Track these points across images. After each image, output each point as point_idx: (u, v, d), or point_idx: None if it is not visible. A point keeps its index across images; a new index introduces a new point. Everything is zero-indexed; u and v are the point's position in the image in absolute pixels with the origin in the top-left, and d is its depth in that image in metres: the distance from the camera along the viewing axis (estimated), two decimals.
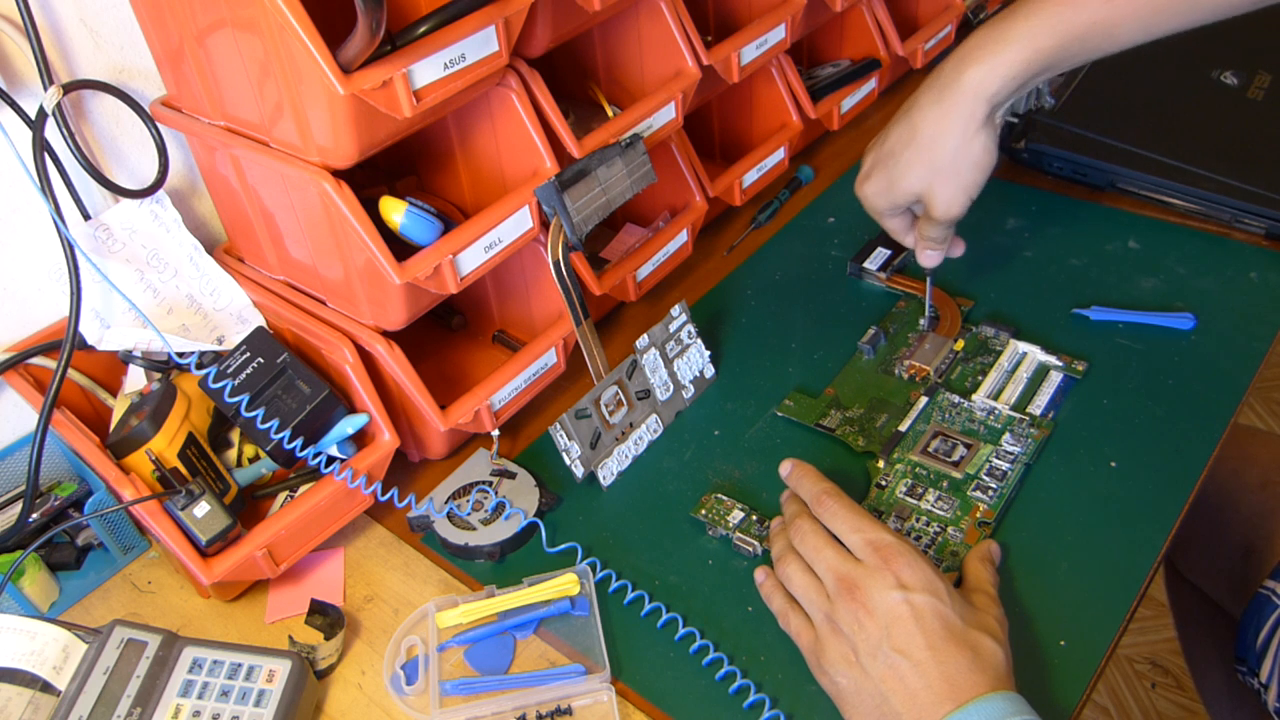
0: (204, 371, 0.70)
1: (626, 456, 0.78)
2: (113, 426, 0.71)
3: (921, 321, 0.87)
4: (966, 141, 0.72)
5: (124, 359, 0.74)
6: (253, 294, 0.79)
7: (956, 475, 0.73)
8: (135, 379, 0.76)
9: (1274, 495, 0.92)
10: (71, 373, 0.74)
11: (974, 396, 0.78)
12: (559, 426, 0.73)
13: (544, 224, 0.76)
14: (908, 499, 0.71)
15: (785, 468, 0.68)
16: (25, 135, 0.70)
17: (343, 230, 0.67)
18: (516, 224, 0.74)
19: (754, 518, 0.72)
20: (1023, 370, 0.81)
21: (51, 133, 0.72)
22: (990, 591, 0.62)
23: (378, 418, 0.73)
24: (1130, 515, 0.69)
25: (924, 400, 0.79)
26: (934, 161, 0.73)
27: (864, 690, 0.56)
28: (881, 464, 0.74)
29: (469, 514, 0.74)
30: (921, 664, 0.54)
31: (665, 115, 0.85)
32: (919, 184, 0.75)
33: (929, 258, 0.81)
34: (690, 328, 0.82)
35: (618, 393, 0.77)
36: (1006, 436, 0.75)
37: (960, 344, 0.84)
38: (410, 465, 0.82)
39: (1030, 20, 0.69)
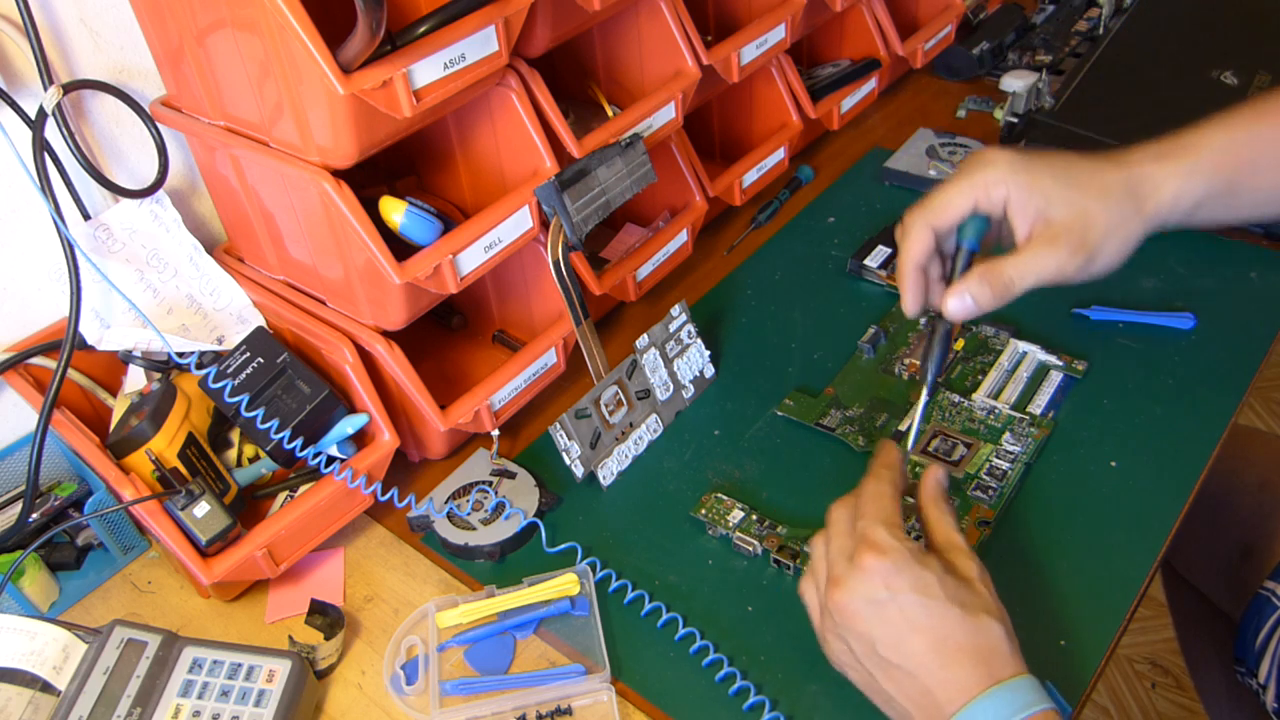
0: (204, 371, 0.70)
1: (626, 456, 0.78)
2: (113, 426, 0.71)
3: (922, 321, 0.87)
4: (1120, 246, 0.64)
5: (124, 359, 0.74)
6: (253, 294, 0.79)
7: (956, 475, 0.73)
8: (135, 379, 0.76)
9: (1272, 496, 0.92)
10: (71, 373, 0.74)
11: (974, 396, 0.79)
12: (559, 426, 0.73)
13: (544, 224, 0.76)
14: (908, 498, 0.71)
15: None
16: (25, 135, 0.70)
17: (343, 230, 0.67)
18: (516, 224, 0.74)
19: (754, 517, 0.72)
20: (1023, 370, 0.81)
21: (51, 133, 0.72)
22: (962, 545, 0.57)
23: (378, 418, 0.73)
24: (1130, 515, 0.69)
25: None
26: (1084, 233, 0.62)
27: (872, 688, 0.56)
28: None
29: (469, 514, 0.74)
30: (921, 668, 0.53)
31: (665, 115, 0.85)
32: (1060, 217, 0.62)
33: (963, 307, 0.62)
34: (690, 327, 0.82)
35: (618, 393, 0.77)
36: (1006, 436, 0.75)
37: (960, 343, 0.84)
38: (410, 465, 0.82)
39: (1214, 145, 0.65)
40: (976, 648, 0.52)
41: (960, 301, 0.62)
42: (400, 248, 0.69)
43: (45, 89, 0.71)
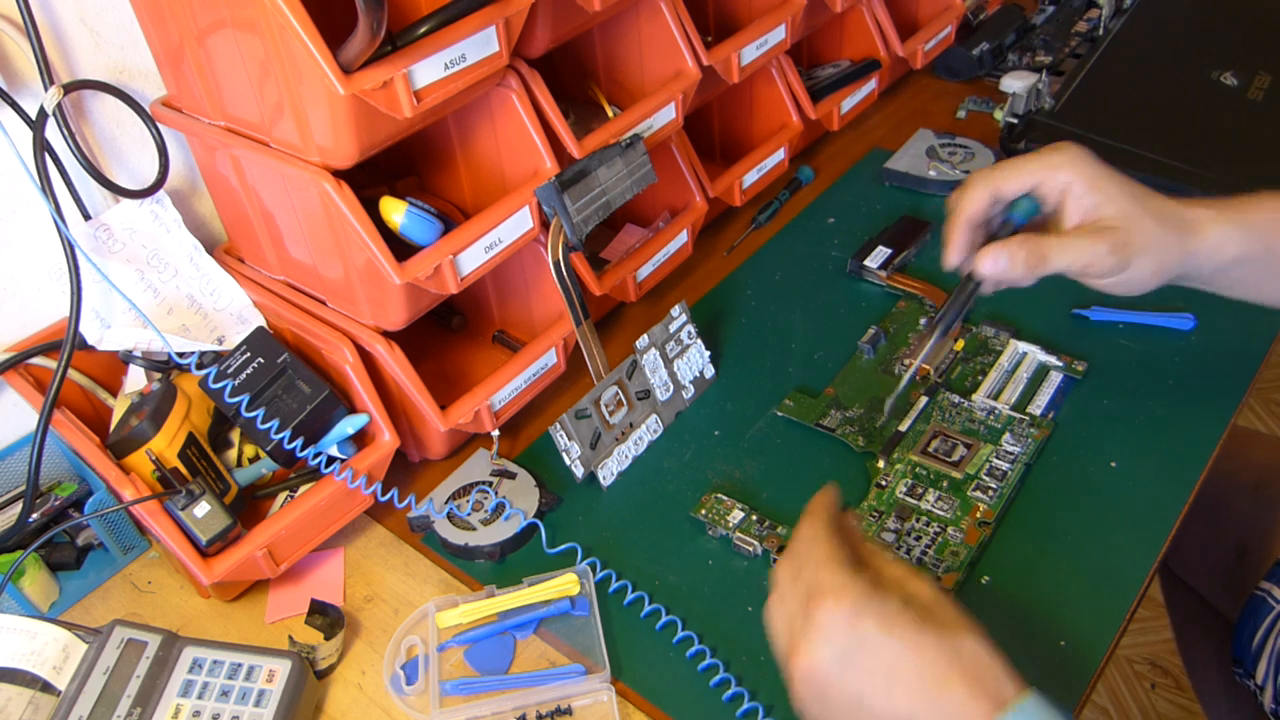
0: (204, 371, 0.70)
1: (626, 456, 0.78)
2: (113, 426, 0.71)
3: (922, 321, 0.87)
4: (1153, 267, 0.64)
5: (124, 359, 0.74)
6: (253, 294, 0.79)
7: (956, 475, 0.73)
8: (135, 379, 0.76)
9: (1268, 496, 0.92)
10: (71, 373, 0.74)
11: (974, 396, 0.79)
12: (559, 426, 0.73)
13: (544, 224, 0.76)
14: (908, 499, 0.71)
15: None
16: (25, 135, 0.70)
17: (343, 230, 0.67)
18: (516, 224, 0.74)
19: (754, 518, 0.72)
20: (1023, 370, 0.81)
21: (52, 133, 0.72)
22: (912, 572, 0.52)
23: (378, 418, 0.73)
24: (1130, 515, 0.69)
25: (924, 400, 0.79)
26: (1128, 238, 0.63)
27: None
28: (881, 464, 0.74)
29: (469, 514, 0.74)
30: (918, 712, 0.48)
31: (665, 115, 0.85)
32: (1110, 216, 0.63)
33: (995, 267, 0.63)
34: (690, 328, 0.82)
35: (618, 393, 0.77)
36: (1006, 436, 0.75)
37: (960, 344, 0.84)
38: (410, 465, 0.82)
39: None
40: (965, 670, 0.48)
41: (994, 260, 0.63)
42: (400, 248, 0.69)
43: (46, 89, 0.71)
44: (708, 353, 0.83)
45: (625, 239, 0.99)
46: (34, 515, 0.72)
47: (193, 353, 0.74)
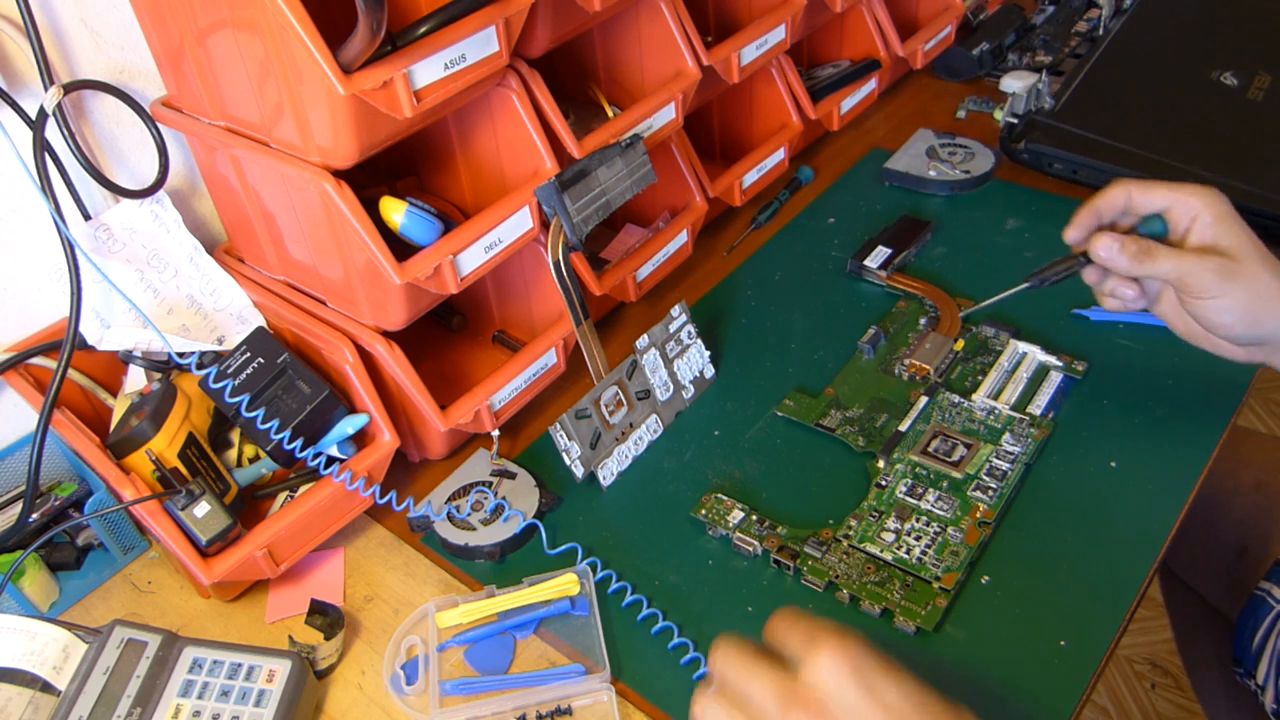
0: (204, 371, 0.70)
1: (626, 457, 0.78)
2: (113, 426, 0.71)
3: (922, 321, 0.87)
4: (1244, 307, 0.66)
5: (124, 359, 0.74)
6: (253, 294, 0.79)
7: (956, 475, 0.73)
8: (135, 379, 0.76)
9: (1268, 496, 0.92)
10: (71, 373, 0.74)
11: (974, 396, 0.79)
12: (559, 426, 0.73)
13: (544, 224, 0.76)
14: (908, 499, 0.71)
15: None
16: (25, 135, 0.70)
17: (343, 230, 0.67)
18: (516, 224, 0.74)
19: (754, 518, 0.72)
20: (1023, 370, 0.81)
21: (52, 133, 0.72)
22: (895, 667, 0.47)
23: (378, 418, 0.73)
24: (1130, 515, 0.69)
25: (924, 400, 0.79)
26: (1233, 271, 0.65)
27: None
28: (881, 464, 0.74)
29: (469, 514, 0.74)
30: None
31: (665, 115, 0.85)
32: (1226, 247, 0.66)
33: (1108, 250, 0.67)
34: (690, 328, 0.82)
35: (618, 393, 0.77)
36: (1006, 436, 0.75)
37: (960, 344, 0.84)
38: (410, 465, 0.82)
39: None
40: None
41: (1108, 245, 0.67)
42: (400, 248, 0.69)
43: (46, 89, 0.71)
44: (708, 353, 0.83)
45: (625, 239, 0.99)
46: (34, 515, 0.73)
47: (193, 353, 0.74)
